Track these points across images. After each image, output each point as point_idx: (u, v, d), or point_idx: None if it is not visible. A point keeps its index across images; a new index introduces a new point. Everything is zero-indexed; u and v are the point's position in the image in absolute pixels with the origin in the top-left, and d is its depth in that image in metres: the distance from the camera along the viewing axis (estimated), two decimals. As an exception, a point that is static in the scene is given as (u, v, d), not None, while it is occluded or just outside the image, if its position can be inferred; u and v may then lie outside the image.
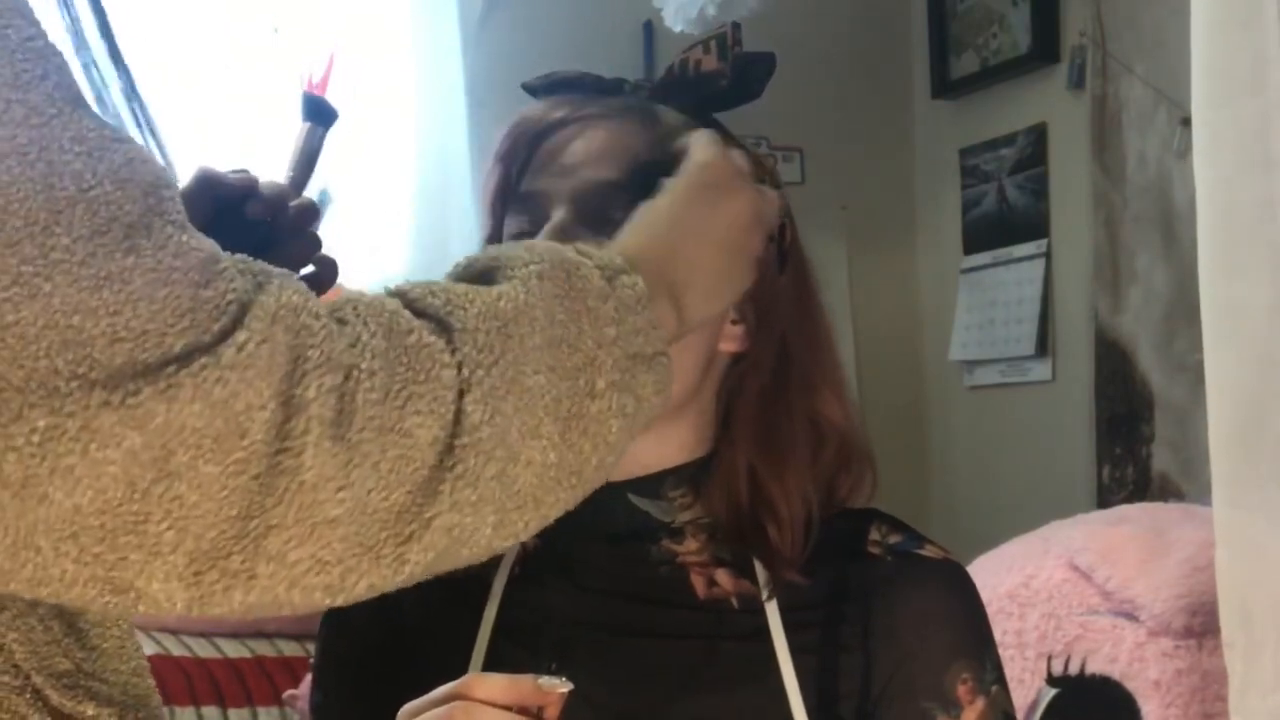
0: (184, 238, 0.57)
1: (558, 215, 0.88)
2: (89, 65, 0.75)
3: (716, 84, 0.93)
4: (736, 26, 0.93)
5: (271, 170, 1.06)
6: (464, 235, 2.38)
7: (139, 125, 0.77)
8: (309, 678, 1.89)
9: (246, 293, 0.58)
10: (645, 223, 0.79)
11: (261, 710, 2.15)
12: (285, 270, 0.62)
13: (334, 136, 1.14)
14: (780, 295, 0.94)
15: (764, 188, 0.87)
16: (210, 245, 0.59)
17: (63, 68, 0.58)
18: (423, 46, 2.57)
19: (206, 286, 0.57)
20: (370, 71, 2.49)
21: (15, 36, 0.56)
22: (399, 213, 2.50)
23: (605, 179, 0.90)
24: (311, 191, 1.05)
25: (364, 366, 0.59)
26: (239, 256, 0.60)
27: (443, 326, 0.63)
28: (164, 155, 0.77)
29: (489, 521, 0.64)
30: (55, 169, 0.55)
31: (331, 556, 0.59)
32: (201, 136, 2.33)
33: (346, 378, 0.58)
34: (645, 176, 0.88)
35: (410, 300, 0.64)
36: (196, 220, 0.93)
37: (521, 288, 0.67)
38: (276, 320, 0.58)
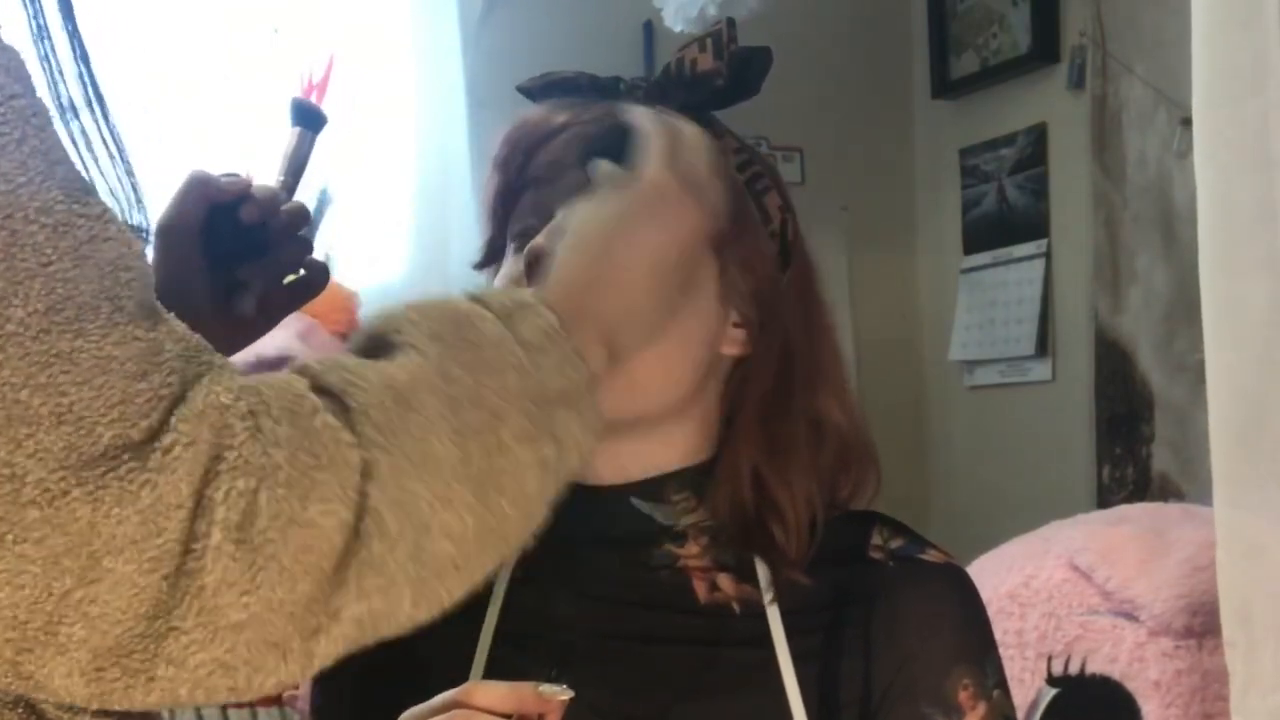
0: (129, 327, 0.56)
1: (559, 219, 0.88)
2: (51, 72, 0.74)
3: (713, 83, 0.93)
4: (731, 24, 0.92)
5: (271, 173, 1.07)
6: (464, 235, 2.38)
7: (100, 132, 0.75)
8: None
9: (180, 387, 0.57)
10: (574, 246, 0.76)
11: (261, 710, 2.14)
12: (222, 360, 0.61)
13: (334, 136, 1.14)
14: (783, 296, 0.93)
15: (714, 179, 0.83)
16: (157, 336, 0.57)
17: (44, 129, 0.57)
18: (423, 47, 2.56)
19: (142, 379, 0.56)
20: (370, 72, 2.48)
21: None
22: (399, 213, 2.49)
23: None
24: (306, 194, 1.05)
25: (269, 462, 0.57)
26: (195, 340, 0.60)
27: (343, 407, 0.61)
28: (126, 166, 0.76)
29: (405, 599, 0.62)
30: (19, 239, 0.54)
31: (236, 660, 0.58)
32: (201, 138, 2.33)
33: (259, 480, 0.57)
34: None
35: (313, 376, 0.62)
36: (188, 223, 0.94)
37: (415, 355, 0.64)
38: (202, 419, 0.57)
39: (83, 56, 0.74)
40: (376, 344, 0.66)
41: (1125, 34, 2.64)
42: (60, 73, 0.73)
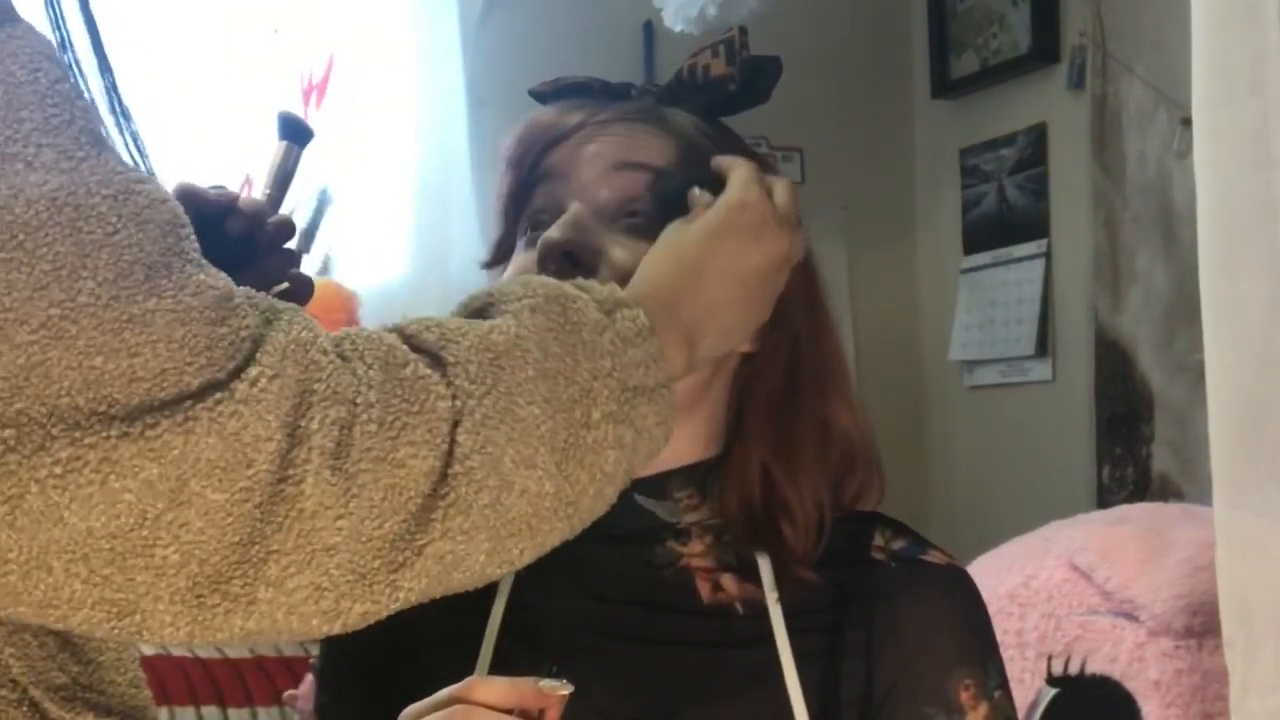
0: (201, 276, 0.59)
1: (573, 211, 0.89)
2: (71, 68, 0.75)
3: (725, 88, 0.94)
4: (744, 31, 0.94)
5: (269, 144, 1.07)
6: (464, 235, 2.38)
7: (120, 130, 0.78)
8: (309, 678, 1.89)
9: (259, 328, 0.60)
10: (668, 255, 0.81)
11: (261, 710, 2.14)
12: (292, 305, 0.64)
13: (334, 136, 1.14)
14: (790, 296, 0.94)
15: (797, 226, 0.88)
16: (224, 280, 0.61)
17: (88, 110, 0.60)
18: (423, 47, 2.56)
19: (222, 324, 0.59)
20: (370, 71, 2.48)
21: (45, 80, 0.58)
22: (399, 213, 2.49)
23: (625, 160, 0.91)
24: (297, 204, 1.06)
25: (362, 399, 0.60)
26: (247, 290, 0.62)
27: (437, 360, 0.64)
28: (144, 160, 0.78)
29: (483, 549, 0.65)
30: (83, 213, 0.56)
31: (328, 583, 0.60)
32: (201, 138, 2.33)
33: (348, 411, 0.60)
34: (660, 182, 0.89)
35: (407, 335, 0.66)
36: None
37: (514, 321, 0.68)
38: (287, 356, 0.59)
39: (105, 67, 0.75)
40: (480, 309, 0.70)
41: (1125, 34, 2.64)
42: (84, 81, 0.74)
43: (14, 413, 0.54)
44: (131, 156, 0.78)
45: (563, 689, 0.77)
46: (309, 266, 2.29)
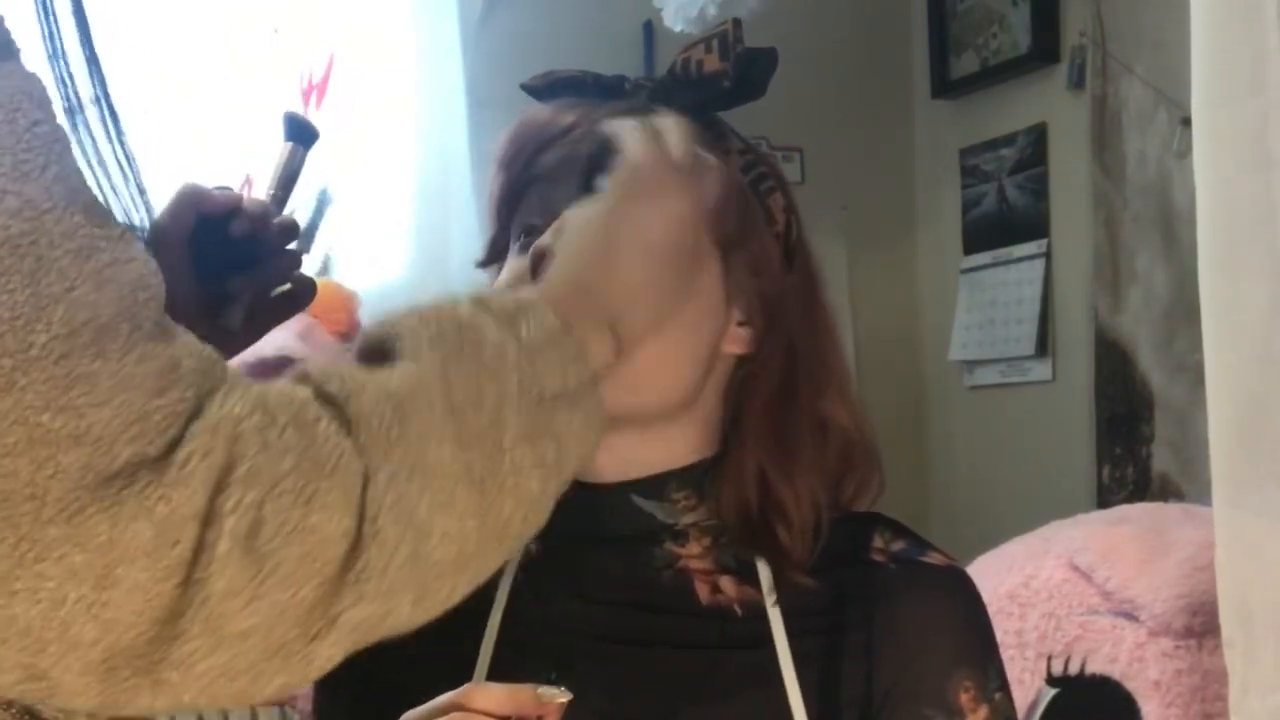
0: (148, 345, 0.57)
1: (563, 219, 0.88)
2: (61, 75, 0.74)
3: (719, 84, 0.93)
4: (738, 24, 0.92)
5: (274, 144, 1.07)
6: (464, 235, 2.38)
7: (109, 138, 0.77)
8: (309, 678, 1.88)
9: (196, 401, 0.58)
10: (574, 240, 0.77)
11: (261, 710, 2.14)
12: (236, 372, 0.61)
13: (334, 136, 1.14)
14: (788, 296, 0.93)
15: (703, 161, 0.84)
16: (174, 352, 0.58)
17: (64, 154, 0.58)
18: (423, 47, 2.56)
19: (161, 395, 0.57)
20: (370, 72, 2.48)
21: (22, 122, 0.57)
22: (399, 213, 2.49)
23: None
24: (300, 205, 1.06)
25: (280, 470, 0.58)
26: (208, 353, 0.60)
27: (343, 415, 0.62)
28: (135, 172, 0.77)
29: (405, 602, 0.63)
30: (44, 264, 0.55)
31: (242, 664, 0.59)
32: (201, 138, 2.33)
33: (266, 488, 0.58)
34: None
35: (315, 385, 0.63)
36: (179, 235, 0.94)
37: (413, 362, 0.65)
38: (218, 432, 0.57)
39: (91, 55, 0.74)
40: (378, 350, 0.67)
41: (1125, 34, 2.64)
42: (69, 72, 0.73)
43: None
44: (122, 169, 0.77)
45: (561, 696, 0.77)
46: (309, 266, 2.29)
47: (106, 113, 0.76)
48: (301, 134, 1.08)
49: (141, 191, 0.78)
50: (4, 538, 0.53)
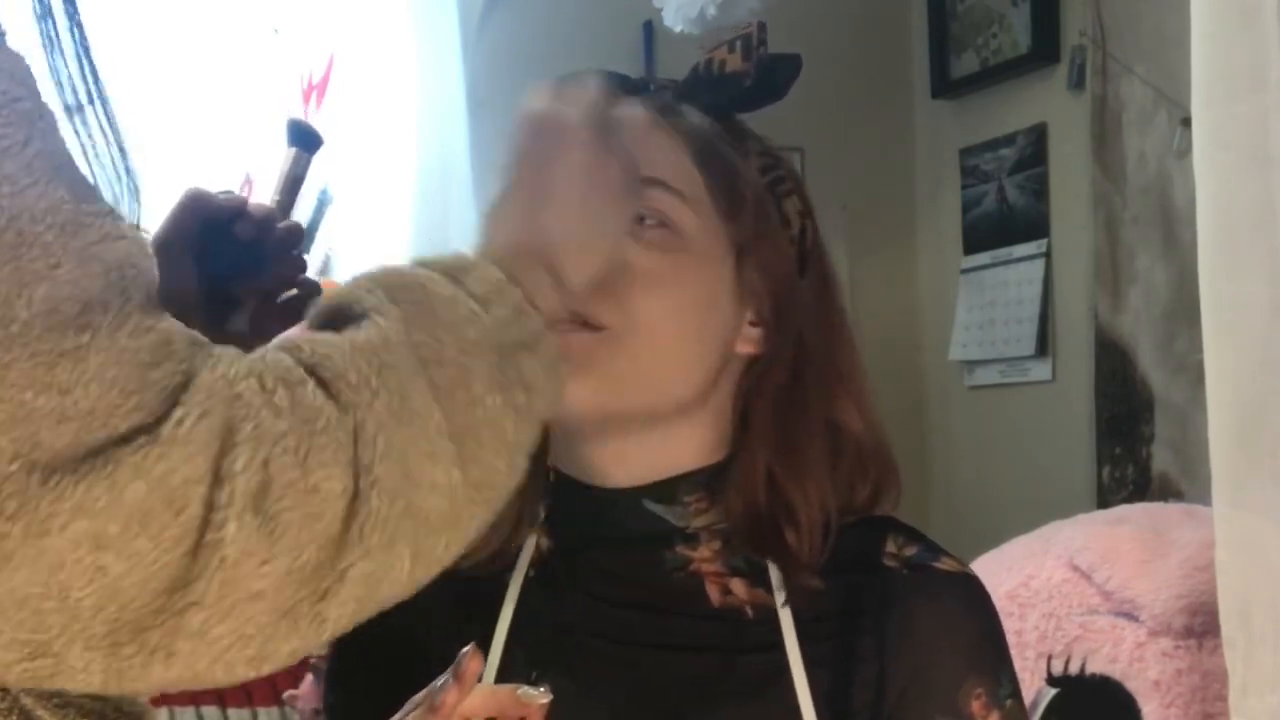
0: (140, 318, 0.57)
1: None
2: (56, 71, 0.74)
3: (740, 84, 0.93)
4: (762, 27, 0.93)
5: (270, 176, 1.07)
6: (464, 235, 2.37)
7: (101, 125, 0.76)
8: (309, 678, 1.89)
9: (189, 372, 0.58)
10: (498, 204, 0.78)
11: (261, 710, 2.14)
12: (230, 347, 0.62)
13: (335, 136, 1.14)
14: (800, 298, 0.94)
15: (612, 114, 0.84)
16: (167, 326, 0.58)
17: (48, 132, 0.58)
18: (423, 46, 2.56)
19: (156, 368, 0.57)
20: (370, 71, 2.48)
21: (2, 99, 0.56)
22: (399, 213, 2.49)
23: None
24: (302, 211, 1.06)
25: (278, 430, 0.58)
26: (194, 334, 0.60)
27: (320, 379, 0.62)
28: (125, 160, 0.77)
29: (405, 556, 0.63)
30: (25, 239, 0.54)
31: (253, 629, 0.58)
32: (201, 138, 2.33)
33: (270, 447, 0.58)
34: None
35: (292, 352, 0.63)
36: (184, 239, 0.94)
37: (379, 319, 0.65)
38: (214, 393, 0.58)
39: (84, 50, 0.74)
40: (337, 317, 0.67)
41: (1125, 34, 2.64)
42: (66, 71, 0.73)
43: None
44: (114, 164, 0.77)
45: (541, 698, 0.77)
46: (309, 267, 2.28)
47: (103, 113, 0.76)
48: (305, 140, 1.08)
49: (135, 190, 0.78)
50: (4, 512, 0.53)
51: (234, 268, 0.97)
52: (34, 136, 0.56)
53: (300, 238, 1.02)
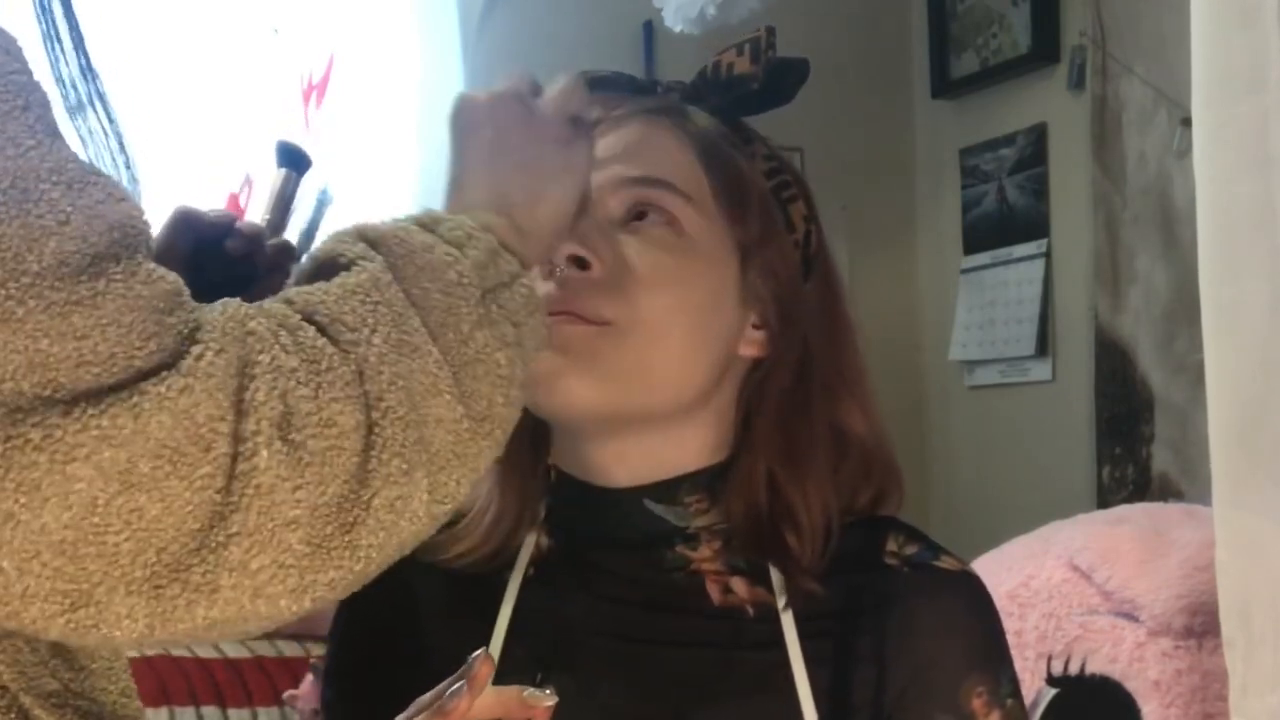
0: (152, 266, 0.59)
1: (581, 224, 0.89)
2: (54, 64, 0.75)
3: (748, 87, 0.94)
4: (771, 31, 0.94)
5: (268, 169, 1.08)
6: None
7: (101, 124, 0.77)
8: (309, 678, 1.89)
9: (200, 318, 0.60)
10: (450, 187, 0.81)
11: (261, 710, 2.14)
12: (231, 299, 0.63)
13: (335, 137, 1.15)
14: (804, 302, 0.94)
15: (564, 89, 0.86)
16: (176, 277, 0.60)
17: (44, 103, 0.59)
18: (423, 46, 2.56)
19: (170, 314, 0.58)
20: (370, 71, 2.48)
21: None
22: (399, 212, 2.49)
23: (635, 175, 0.91)
24: (301, 212, 1.07)
25: (293, 366, 0.60)
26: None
27: (317, 326, 0.64)
28: (130, 168, 0.78)
29: (423, 486, 0.64)
30: (31, 196, 0.55)
31: (291, 559, 0.60)
32: (200, 140, 2.33)
33: (287, 379, 0.60)
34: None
35: (288, 305, 0.65)
36: (175, 256, 0.95)
37: (365, 264, 0.68)
38: (227, 331, 0.59)
39: (81, 48, 0.75)
40: (323, 271, 0.69)
41: (1125, 34, 2.64)
42: (67, 71, 0.74)
43: None
44: (115, 164, 0.77)
45: (547, 699, 0.76)
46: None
47: (103, 113, 0.77)
48: (294, 160, 1.09)
49: (129, 166, 0.79)
50: (31, 442, 0.54)
51: (225, 285, 0.98)
52: (32, 104, 0.58)
53: (292, 255, 1.03)
